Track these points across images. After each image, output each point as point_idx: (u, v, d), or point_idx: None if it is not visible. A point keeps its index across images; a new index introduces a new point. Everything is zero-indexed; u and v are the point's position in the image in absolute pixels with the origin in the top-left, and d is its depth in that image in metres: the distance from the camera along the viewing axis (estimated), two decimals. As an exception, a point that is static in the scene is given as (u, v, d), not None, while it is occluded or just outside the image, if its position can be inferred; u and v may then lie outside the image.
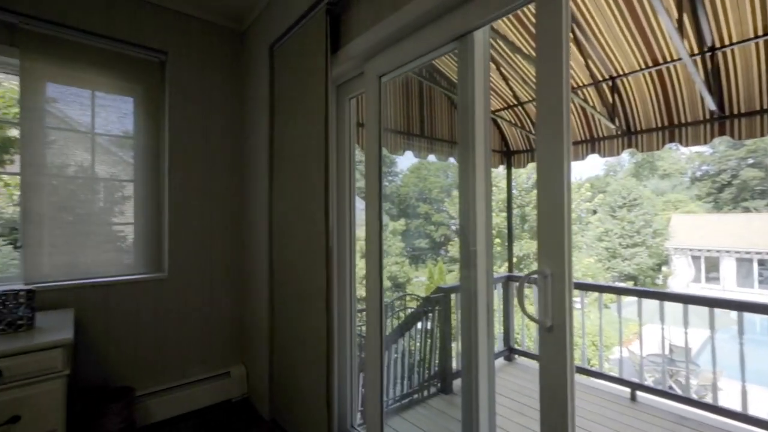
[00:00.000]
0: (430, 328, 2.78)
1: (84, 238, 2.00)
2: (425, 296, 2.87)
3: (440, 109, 2.97)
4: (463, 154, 1.28)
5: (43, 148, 1.89)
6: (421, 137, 2.85)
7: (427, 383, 2.73)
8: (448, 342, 2.79)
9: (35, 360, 1.33)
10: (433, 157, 2.92)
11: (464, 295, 1.29)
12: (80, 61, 1.97)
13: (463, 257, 1.29)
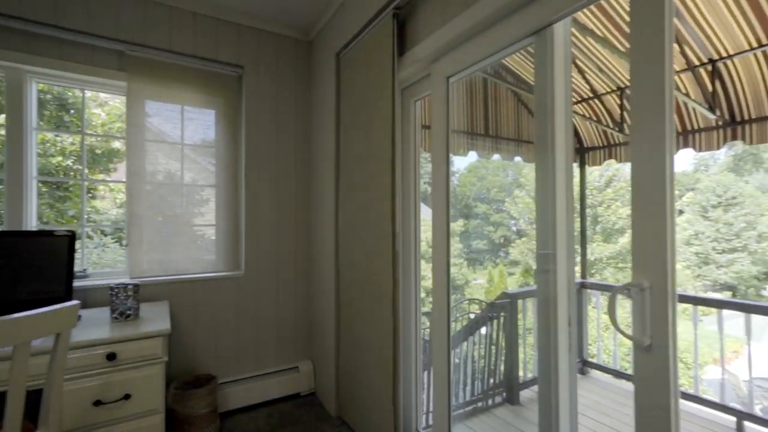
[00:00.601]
0: (495, 335, 2.67)
1: (174, 238, 2.23)
2: (490, 301, 2.77)
3: (505, 107, 2.84)
4: (541, 154, 1.20)
5: (143, 158, 2.14)
6: (485, 136, 2.75)
7: (492, 392, 2.63)
8: (514, 350, 2.66)
9: (141, 346, 1.51)
10: (497, 157, 2.81)
11: (541, 301, 1.22)
12: (171, 79, 2.20)
13: (540, 262, 1.21)
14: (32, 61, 1.87)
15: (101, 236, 3.24)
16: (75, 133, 2.59)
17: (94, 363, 1.42)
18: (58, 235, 1.70)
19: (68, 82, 2.04)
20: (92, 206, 3.55)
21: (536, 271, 1.23)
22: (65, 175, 3.16)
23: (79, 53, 1.98)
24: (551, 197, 1.17)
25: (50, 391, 1.13)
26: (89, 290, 1.95)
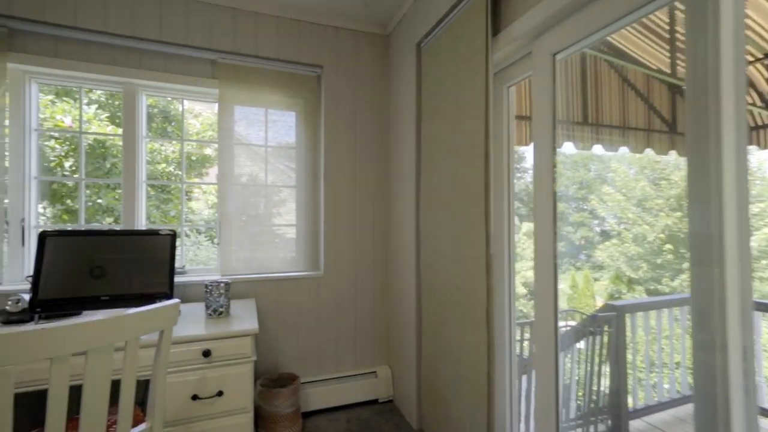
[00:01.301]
0: (596, 352, 2.32)
1: (258, 237, 2.30)
2: (592, 314, 2.42)
3: (608, 90, 2.46)
4: (697, 145, 0.93)
5: (231, 161, 2.24)
6: (584, 125, 2.41)
7: (594, 418, 2.29)
8: (622, 373, 2.28)
9: (232, 345, 1.53)
10: (600, 148, 2.44)
11: (700, 322, 0.95)
12: (257, 83, 2.27)
13: (695, 275, 0.95)
14: (142, 75, 2.05)
15: (197, 235, 3.54)
16: (175, 139, 2.83)
17: (191, 359, 1.48)
18: (162, 234, 1.83)
19: (170, 93, 2.20)
20: (189, 207, 3.91)
21: (691, 286, 0.96)
22: (168, 179, 3.48)
23: (179, 65, 2.12)
24: (716, 199, 0.90)
25: (155, 384, 1.17)
26: (187, 286, 2.08)
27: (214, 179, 2.28)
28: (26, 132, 1.96)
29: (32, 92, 1.98)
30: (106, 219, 3.37)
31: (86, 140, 2.21)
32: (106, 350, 1.01)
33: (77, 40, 1.95)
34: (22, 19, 1.82)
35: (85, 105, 3.11)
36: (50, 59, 1.91)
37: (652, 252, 6.21)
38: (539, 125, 1.39)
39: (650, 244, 6.27)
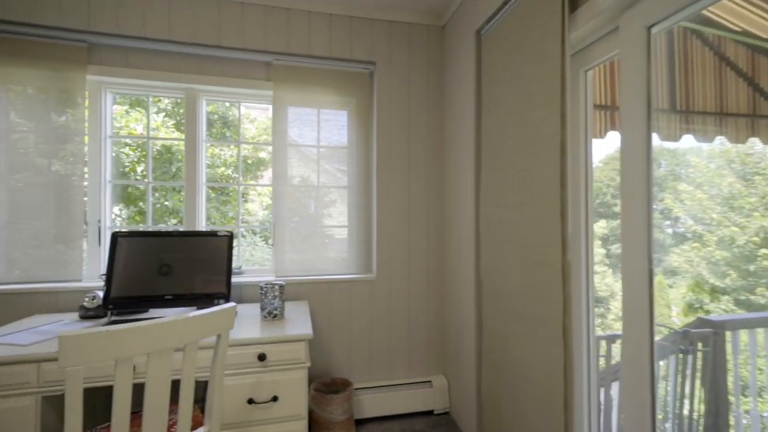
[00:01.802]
0: (686, 375, 2.00)
1: (310, 239, 2.28)
2: (681, 329, 2.10)
3: (701, 69, 2.12)
4: None
5: (285, 161, 2.24)
6: (672, 112, 2.10)
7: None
8: (721, 400, 1.95)
9: (286, 349, 1.50)
10: (690, 139, 2.11)
11: None
12: (309, 83, 2.25)
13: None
14: (203, 80, 2.11)
15: (252, 235, 3.65)
16: (233, 143, 2.91)
17: (247, 362, 1.46)
18: (220, 235, 1.85)
19: (228, 97, 2.25)
20: (245, 209, 4.06)
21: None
22: (226, 182, 3.61)
23: (236, 69, 2.16)
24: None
25: (213, 386, 1.16)
26: (243, 287, 2.10)
27: (269, 181, 2.29)
28: (102, 139, 2.09)
29: (107, 102, 2.11)
30: (172, 220, 3.55)
31: (155, 146, 2.33)
32: (167, 352, 1.00)
33: (145, 50, 2.05)
34: (99, 33, 1.94)
35: (154, 114, 3.33)
36: (122, 69, 2.02)
37: (743, 257, 5.49)
38: (629, 111, 1.19)
39: (740, 248, 5.53)
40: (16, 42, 1.89)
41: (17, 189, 1.91)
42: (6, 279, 1.88)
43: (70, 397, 0.88)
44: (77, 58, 1.95)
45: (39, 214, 1.93)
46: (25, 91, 1.91)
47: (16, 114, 1.91)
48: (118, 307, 1.67)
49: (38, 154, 1.93)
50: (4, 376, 1.28)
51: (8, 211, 1.89)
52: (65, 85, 1.94)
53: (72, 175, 1.97)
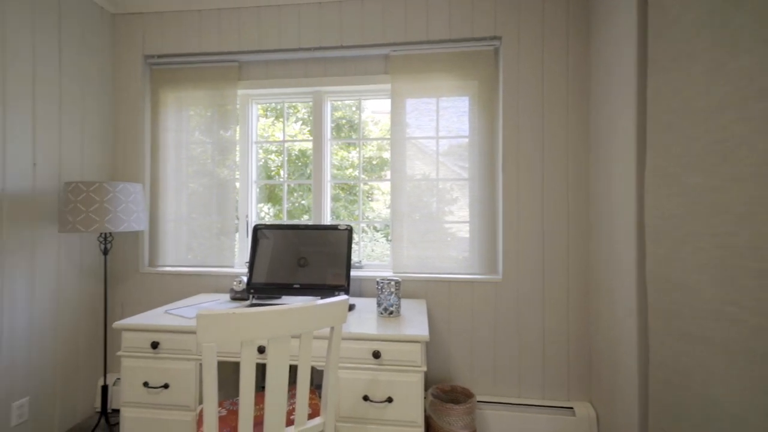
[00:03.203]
0: None
1: (429, 235, 2.16)
2: None
3: None
4: None
5: (403, 155, 2.18)
6: None
7: None
8: None
9: (402, 349, 1.40)
10: None
11: None
12: (427, 71, 2.13)
13: None
14: (327, 82, 2.22)
15: (374, 231, 3.76)
16: (357, 142, 3.03)
17: (362, 357, 1.42)
18: (340, 229, 1.89)
19: (349, 95, 2.32)
20: (370, 207, 4.24)
21: None
22: (349, 180, 3.79)
23: (356, 66, 2.20)
24: None
25: (328, 377, 1.14)
26: (363, 281, 2.12)
27: (384, 179, 2.27)
28: (249, 145, 2.40)
29: (253, 111, 2.42)
30: (304, 216, 3.91)
31: (292, 150, 2.59)
32: (284, 339, 1.01)
33: (281, 61, 2.27)
34: (246, 52, 2.23)
35: (293, 123, 3.75)
36: (263, 81, 2.28)
37: None
38: None
39: None
40: (191, 70, 2.32)
41: (194, 191, 2.33)
42: (185, 262, 2.32)
43: (206, 368, 0.95)
44: (231, 76, 2.28)
45: (207, 210, 2.32)
46: (200, 112, 2.33)
47: (196, 130, 2.34)
48: (258, 292, 1.86)
49: (208, 162, 2.33)
50: (175, 342, 1.53)
51: (188, 208, 2.33)
52: (224, 101, 2.29)
53: (229, 178, 2.31)
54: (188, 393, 1.51)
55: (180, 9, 2.25)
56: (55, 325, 1.96)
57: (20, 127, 1.78)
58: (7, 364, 1.73)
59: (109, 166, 2.30)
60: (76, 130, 2.07)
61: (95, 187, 1.79)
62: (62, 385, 2.00)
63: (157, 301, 2.27)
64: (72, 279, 2.06)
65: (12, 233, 1.76)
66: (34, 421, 1.85)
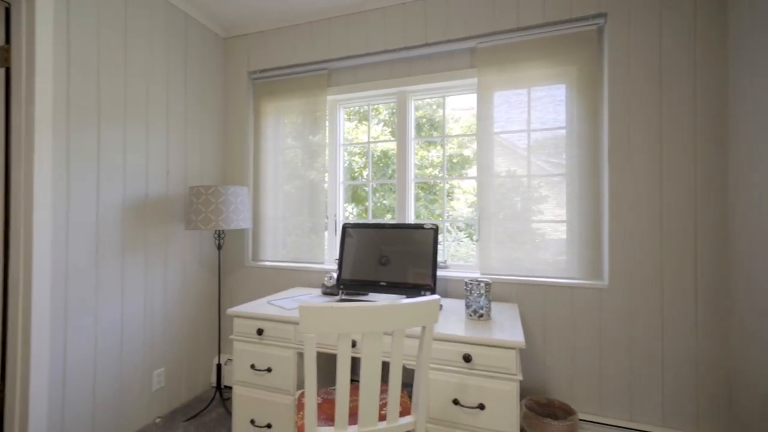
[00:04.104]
0: None
1: (518, 236, 2.02)
2: None
3: None
4: None
5: (491, 151, 2.07)
6: None
7: None
8: None
9: (494, 355, 1.33)
10: None
11: None
12: (517, 61, 2.00)
13: None
14: (411, 81, 2.23)
15: (457, 231, 3.67)
16: (439, 141, 2.98)
17: (452, 359, 1.38)
18: (426, 228, 1.88)
19: (433, 93, 2.29)
20: (450, 206, 4.15)
21: None
22: (432, 178, 3.76)
23: (440, 63, 2.17)
24: None
25: (419, 377, 1.13)
26: (449, 281, 2.07)
27: (468, 177, 2.19)
28: (337, 147, 2.52)
29: (340, 116, 2.54)
30: (388, 216, 3.98)
31: (375, 152, 2.66)
32: (377, 335, 1.03)
33: (367, 65, 2.34)
34: (335, 59, 2.34)
35: (375, 125, 3.85)
36: (350, 86, 2.37)
37: None
38: None
39: None
40: (286, 81, 2.52)
41: (288, 192, 2.54)
42: (281, 258, 2.53)
43: (307, 357, 1.01)
44: (321, 84, 2.42)
45: (300, 210, 2.50)
46: (293, 119, 2.53)
47: (289, 136, 2.54)
48: (347, 288, 1.94)
49: (299, 165, 2.51)
50: (277, 330, 1.67)
51: (283, 208, 2.54)
52: (314, 108, 2.44)
53: (319, 180, 2.46)
54: (287, 378, 1.63)
55: (279, 26, 2.46)
56: (182, 308, 2.30)
57: (157, 143, 2.13)
58: (149, 338, 2.08)
59: (221, 171, 2.62)
60: (196, 142, 2.40)
61: (212, 190, 2.05)
62: (187, 360, 2.33)
63: (258, 291, 2.52)
64: (193, 270, 2.39)
65: (153, 230, 2.10)
66: (168, 389, 2.20)
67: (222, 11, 2.35)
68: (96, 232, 1.81)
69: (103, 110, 1.84)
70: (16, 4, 1.57)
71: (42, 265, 1.59)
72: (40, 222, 1.58)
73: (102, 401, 1.84)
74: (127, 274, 1.96)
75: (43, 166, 1.59)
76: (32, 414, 1.57)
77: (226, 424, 2.07)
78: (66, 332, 1.69)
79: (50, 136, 1.62)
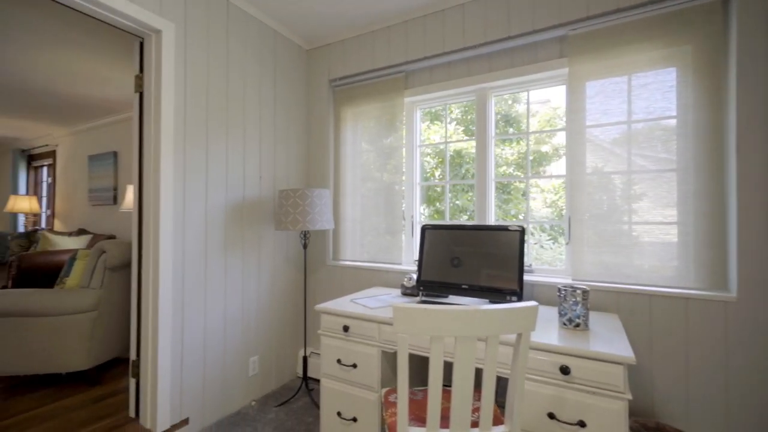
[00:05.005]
0: None
1: (618, 239, 1.82)
2: None
3: None
4: None
5: (583, 146, 1.91)
6: None
7: None
8: None
9: (596, 369, 1.22)
10: None
11: None
12: (616, 46, 1.81)
13: None
14: (492, 77, 2.15)
15: (540, 233, 3.45)
16: (521, 137, 2.84)
17: (546, 370, 1.30)
18: (511, 230, 1.79)
19: (516, 88, 2.18)
20: (529, 207, 3.93)
21: None
22: (514, 177, 3.59)
23: (524, 55, 2.05)
24: None
25: (514, 387, 1.08)
26: (535, 286, 1.95)
27: (554, 174, 2.04)
28: (414, 149, 2.53)
29: (417, 117, 2.54)
30: (463, 216, 3.91)
31: (449, 152, 2.62)
32: (471, 339, 1.01)
33: (443, 64, 2.31)
34: (412, 61, 2.36)
35: (447, 124, 3.80)
36: (426, 86, 2.36)
37: None
38: None
39: None
40: (364, 86, 2.60)
41: (365, 194, 2.61)
42: (360, 258, 2.62)
43: (400, 356, 1.02)
44: (398, 86, 2.45)
45: (376, 212, 2.56)
46: (369, 123, 2.60)
47: (366, 140, 2.62)
48: (427, 289, 1.93)
49: (377, 167, 2.57)
50: (361, 328, 1.73)
51: (361, 210, 2.63)
52: (391, 110, 2.48)
53: (394, 181, 2.49)
54: (372, 375, 1.68)
55: (358, 34, 2.55)
56: (272, 302, 2.49)
57: (252, 151, 2.34)
58: (246, 327, 2.29)
59: (304, 175, 2.80)
60: (283, 149, 2.60)
61: (299, 193, 2.19)
62: (276, 350, 2.53)
63: (339, 289, 2.63)
64: (281, 267, 2.58)
65: (248, 230, 2.32)
66: (261, 376, 2.40)
67: (306, 25, 2.50)
68: (205, 232, 2.05)
69: (210, 126, 2.08)
70: (148, 38, 1.85)
71: (166, 263, 1.85)
72: (164, 221, 1.84)
73: (210, 381, 2.07)
74: (228, 269, 2.19)
75: (167, 173, 1.85)
76: (160, 382, 1.83)
77: (313, 413, 2.19)
78: (183, 319, 1.94)
79: (172, 149, 1.87)
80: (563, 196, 2.18)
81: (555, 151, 2.36)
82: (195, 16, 1.99)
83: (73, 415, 2.06)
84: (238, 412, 2.20)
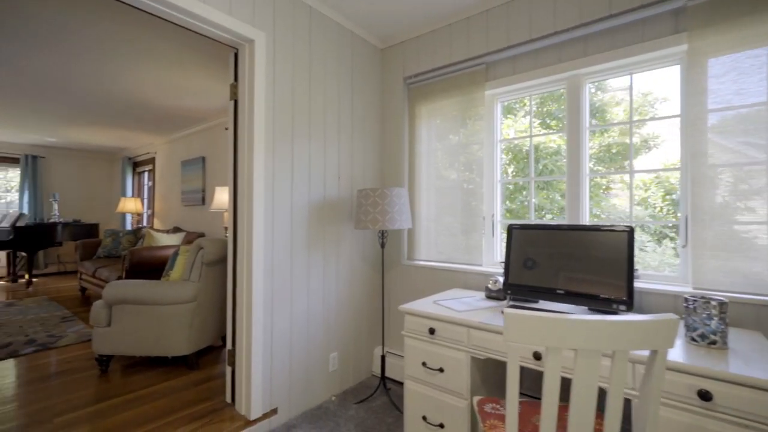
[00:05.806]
0: None
1: (750, 242, 1.53)
2: None
3: None
4: None
5: (704, 136, 1.64)
6: None
7: None
8: None
9: (749, 397, 1.02)
10: None
11: None
12: (755, 13, 1.52)
13: None
14: (587, 62, 1.95)
15: (640, 234, 3.09)
16: (624, 123, 2.56)
17: (680, 394, 1.12)
18: (617, 231, 1.60)
19: (616, 72, 1.95)
20: (611, 204, 3.54)
21: None
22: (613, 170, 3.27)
23: (628, 35, 1.83)
24: None
25: (647, 413, 0.94)
26: (643, 293, 1.73)
27: (659, 166, 1.78)
28: (494, 144, 2.40)
29: (497, 111, 2.40)
30: (547, 216, 3.66)
31: (524, 147, 2.45)
32: (595, 354, 0.89)
33: (529, 53, 2.15)
34: (493, 52, 2.23)
35: (522, 117, 3.57)
36: (509, 78, 2.22)
37: None
38: None
39: None
40: (440, 81, 2.52)
41: (440, 192, 2.54)
42: (434, 258, 2.55)
43: (510, 367, 0.94)
44: (478, 79, 2.34)
45: (451, 210, 2.47)
46: (444, 120, 2.52)
47: (442, 137, 2.55)
48: (515, 293, 1.81)
49: (453, 164, 2.48)
50: (448, 332, 1.67)
51: (436, 209, 2.56)
52: (470, 105, 2.38)
53: (470, 179, 2.38)
54: (461, 381, 1.61)
55: (434, 28, 2.49)
56: (350, 300, 2.53)
57: (331, 152, 2.40)
58: (326, 325, 2.35)
59: (380, 174, 2.80)
60: (360, 148, 2.62)
61: (379, 193, 2.19)
62: (354, 348, 2.56)
63: (413, 289, 2.59)
64: (359, 266, 2.61)
65: (329, 229, 2.38)
66: (340, 372, 2.45)
67: (380, 24, 2.50)
68: (290, 231, 2.14)
69: (295, 130, 2.16)
70: (242, 48, 1.97)
71: (258, 260, 1.96)
72: (257, 220, 1.95)
73: (296, 374, 2.16)
74: (311, 266, 2.26)
75: (260, 175, 1.96)
76: (254, 372, 1.94)
77: (392, 414, 2.18)
78: (272, 313, 2.04)
79: (263, 152, 1.97)
80: (654, 193, 1.93)
81: (644, 143, 2.10)
82: (282, 23, 2.08)
83: (180, 395, 2.28)
84: (320, 406, 2.26)
